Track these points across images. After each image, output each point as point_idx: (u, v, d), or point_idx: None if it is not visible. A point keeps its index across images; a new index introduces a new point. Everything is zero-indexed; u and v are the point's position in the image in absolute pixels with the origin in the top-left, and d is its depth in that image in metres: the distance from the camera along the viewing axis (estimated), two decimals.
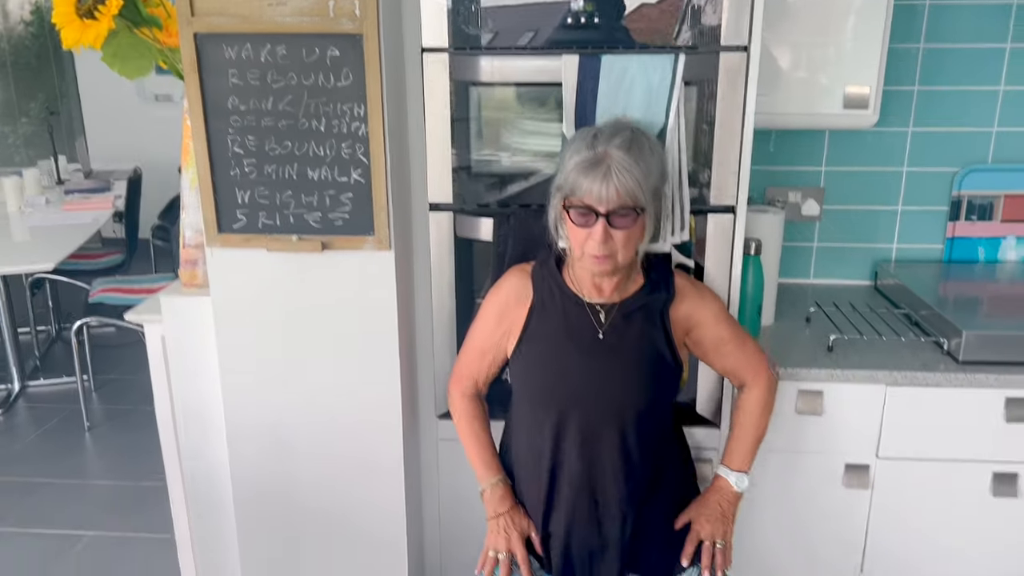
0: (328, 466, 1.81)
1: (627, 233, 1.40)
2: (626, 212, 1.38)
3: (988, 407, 1.77)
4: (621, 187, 1.36)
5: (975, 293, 2.15)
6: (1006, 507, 1.82)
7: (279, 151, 1.58)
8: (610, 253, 1.41)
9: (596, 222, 1.39)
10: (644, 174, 1.38)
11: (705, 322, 1.57)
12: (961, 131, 2.19)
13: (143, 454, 3.32)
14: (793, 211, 2.26)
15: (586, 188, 1.38)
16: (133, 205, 4.39)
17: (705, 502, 1.63)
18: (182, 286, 1.87)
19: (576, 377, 1.52)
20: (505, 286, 1.59)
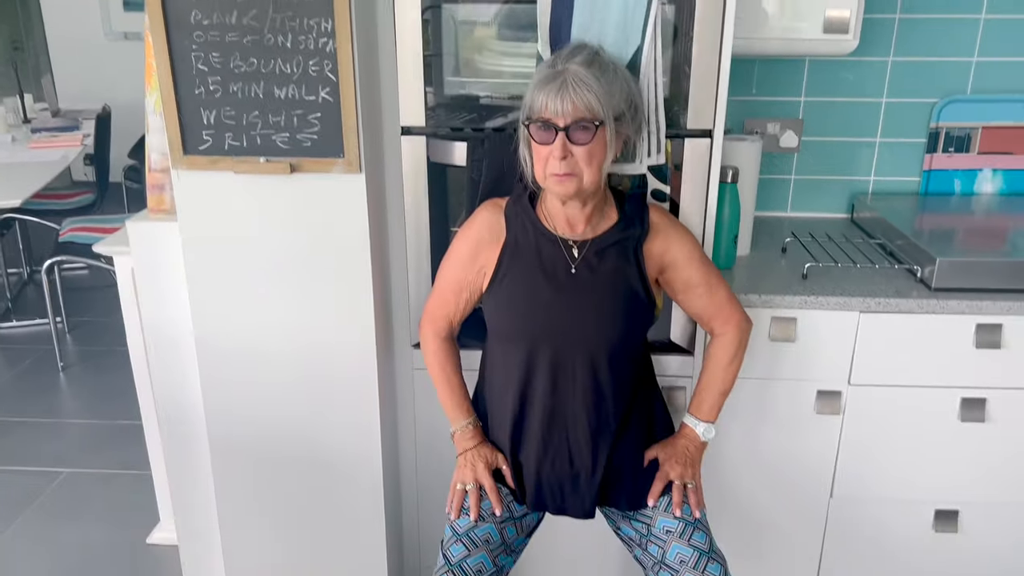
0: (302, 396, 1.80)
1: (587, 149, 1.39)
2: (585, 126, 1.37)
3: (959, 333, 1.78)
4: (578, 99, 1.36)
5: (950, 224, 2.15)
6: (973, 431, 1.85)
7: (244, 68, 1.54)
8: (572, 171, 1.40)
9: (555, 137, 1.38)
10: (604, 91, 1.37)
11: (677, 261, 1.56)
12: (941, 60, 2.17)
13: (118, 394, 3.31)
14: (771, 143, 2.25)
15: (542, 102, 1.38)
16: (102, 145, 4.30)
17: (673, 445, 1.63)
18: (149, 213, 1.83)
19: (548, 312, 1.51)
20: (478, 222, 1.57)
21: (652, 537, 1.56)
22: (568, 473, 1.59)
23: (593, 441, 1.57)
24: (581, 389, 1.55)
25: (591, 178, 1.42)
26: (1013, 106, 2.19)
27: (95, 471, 2.87)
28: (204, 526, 2.03)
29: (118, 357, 3.51)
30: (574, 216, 1.50)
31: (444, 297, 1.62)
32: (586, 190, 1.44)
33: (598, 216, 1.53)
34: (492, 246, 1.54)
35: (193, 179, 1.63)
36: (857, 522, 1.96)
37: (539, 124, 1.40)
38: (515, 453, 1.62)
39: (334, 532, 1.92)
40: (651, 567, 1.57)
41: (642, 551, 1.60)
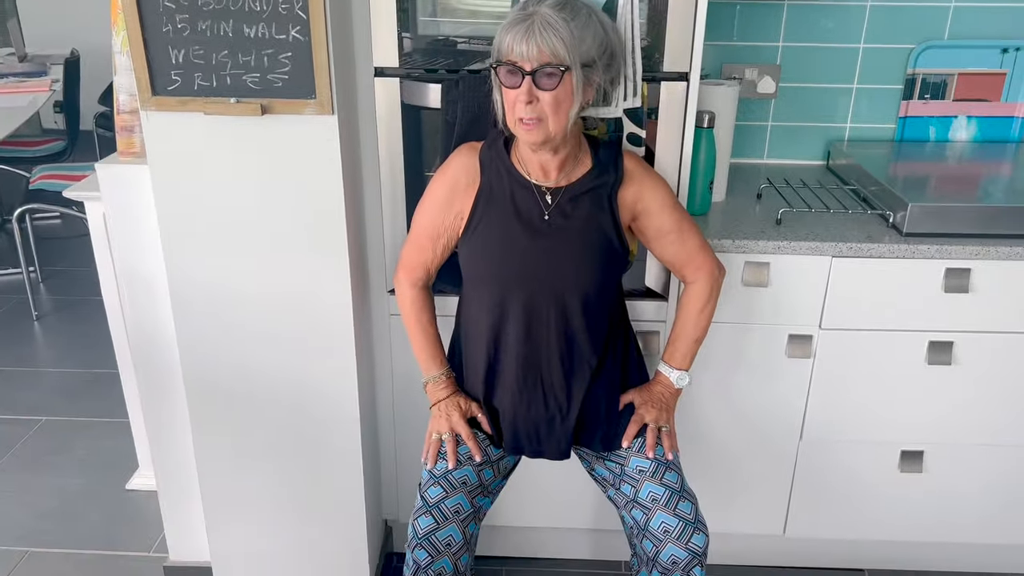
0: (277, 341, 1.80)
1: (553, 95, 1.37)
2: (551, 71, 1.35)
3: (928, 278, 1.81)
4: (544, 44, 1.33)
5: (924, 171, 2.16)
6: (939, 374, 1.89)
7: (213, 6, 1.50)
8: (538, 116, 1.39)
9: (522, 81, 1.37)
10: (572, 36, 1.34)
11: (650, 209, 1.56)
12: (919, 5, 2.16)
13: (94, 343, 3.29)
14: (749, 88, 2.24)
15: (509, 44, 1.36)
16: (72, 90, 4.20)
17: (648, 390, 1.66)
18: (119, 155, 1.81)
19: (522, 258, 1.52)
20: (453, 167, 1.55)
21: (625, 477, 1.59)
22: (543, 416, 1.61)
23: (567, 384, 1.59)
24: (555, 334, 1.56)
25: (557, 126, 1.41)
26: (989, 52, 2.19)
27: (73, 419, 2.87)
28: (182, 471, 2.04)
29: (93, 306, 3.48)
30: (547, 163, 1.50)
31: (420, 244, 1.60)
32: (553, 138, 1.43)
33: (571, 163, 1.52)
34: (468, 190, 1.53)
35: (162, 120, 1.60)
36: (825, 464, 2.01)
37: (507, 67, 1.38)
38: (489, 398, 1.64)
39: (312, 475, 1.93)
40: (624, 505, 1.60)
41: (615, 490, 1.63)
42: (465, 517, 1.54)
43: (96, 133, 4.69)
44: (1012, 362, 1.88)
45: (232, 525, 1.99)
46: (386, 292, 1.88)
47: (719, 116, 1.93)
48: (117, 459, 2.63)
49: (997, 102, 2.24)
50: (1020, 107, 2.24)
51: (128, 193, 1.81)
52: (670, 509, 1.51)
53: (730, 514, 2.05)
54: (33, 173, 3.70)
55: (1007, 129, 2.26)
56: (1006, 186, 2.06)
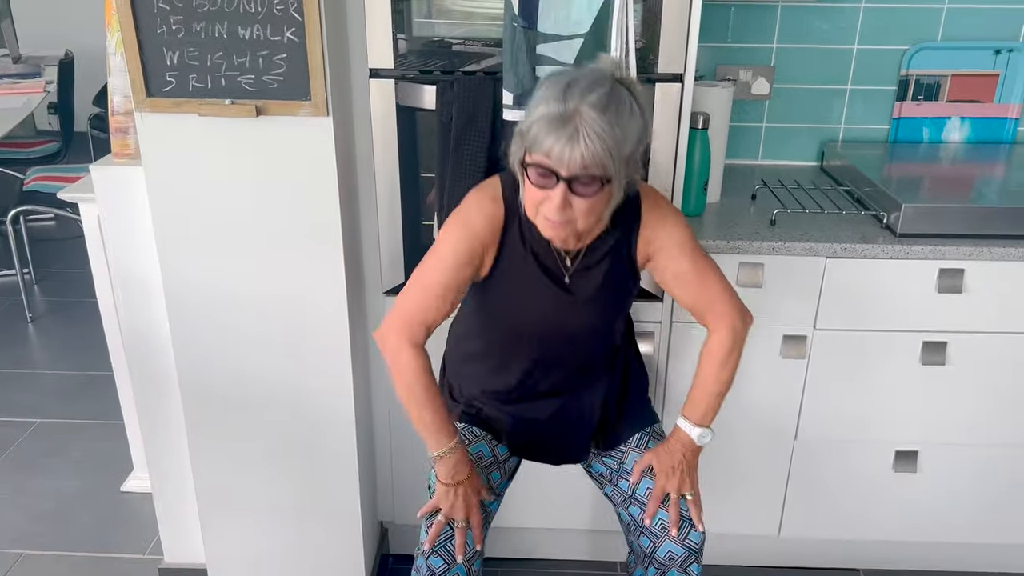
0: (272, 341, 1.80)
1: (590, 202, 1.26)
2: (591, 179, 1.23)
3: (922, 278, 1.81)
4: (588, 153, 1.20)
5: (917, 172, 2.17)
6: (933, 374, 1.90)
7: (208, 7, 1.50)
8: (568, 220, 1.28)
9: (556, 186, 1.24)
10: (618, 140, 1.21)
11: (665, 251, 1.45)
12: (912, 7, 2.16)
13: (88, 345, 3.29)
14: (743, 89, 2.24)
15: (548, 147, 1.21)
16: (66, 92, 4.19)
17: (668, 452, 1.54)
18: (114, 157, 1.80)
19: (541, 310, 1.45)
20: (476, 220, 1.40)
21: (623, 473, 1.59)
22: (551, 430, 1.59)
23: (577, 400, 1.57)
24: (566, 363, 1.53)
25: (586, 225, 1.31)
26: (982, 53, 2.20)
27: (67, 421, 2.87)
28: (177, 473, 2.04)
29: (87, 308, 3.47)
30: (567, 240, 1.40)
31: (428, 300, 1.41)
32: (578, 236, 1.35)
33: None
34: (491, 243, 1.42)
35: (157, 122, 1.60)
36: (820, 464, 2.02)
37: (541, 169, 1.24)
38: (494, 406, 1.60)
39: (307, 477, 1.93)
40: (621, 502, 1.60)
41: (612, 487, 1.63)
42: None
43: (90, 134, 4.68)
44: (1006, 362, 1.88)
45: (227, 527, 1.99)
46: (382, 293, 1.88)
47: (713, 117, 1.93)
48: (112, 461, 2.62)
49: (990, 103, 2.25)
50: (1013, 108, 2.25)
51: (123, 195, 1.81)
52: (666, 507, 1.51)
53: (725, 514, 2.06)
54: (27, 175, 3.69)
55: (1000, 130, 2.27)
56: (999, 187, 2.07)
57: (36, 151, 4.13)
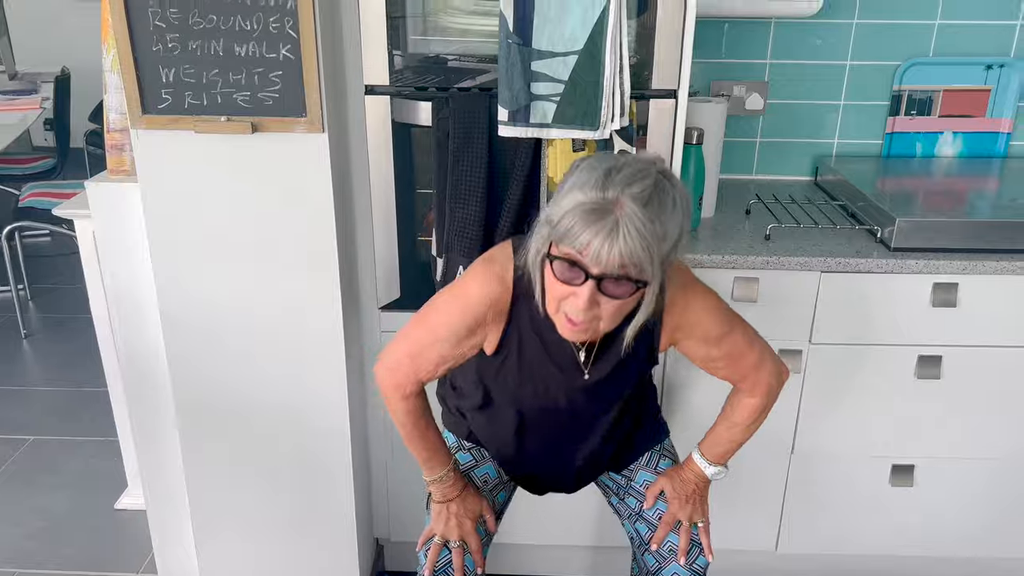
0: (268, 358, 1.80)
1: (616, 304, 1.15)
2: (625, 281, 1.12)
3: (916, 292, 1.82)
4: (627, 251, 1.08)
5: (910, 186, 2.18)
6: (929, 388, 1.90)
7: (203, 25, 1.51)
8: (591, 320, 1.17)
9: (584, 284, 1.12)
10: (659, 238, 1.10)
11: (693, 338, 1.37)
12: (904, 23, 2.18)
13: (83, 361, 3.28)
14: (737, 105, 2.25)
15: (583, 241, 1.08)
16: (62, 108, 4.20)
17: (680, 478, 1.52)
18: (109, 174, 1.81)
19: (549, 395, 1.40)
20: (476, 297, 1.31)
21: (631, 490, 1.57)
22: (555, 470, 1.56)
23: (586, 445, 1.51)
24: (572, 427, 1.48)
25: (610, 326, 1.21)
26: (973, 69, 2.22)
27: (61, 438, 2.85)
28: (172, 490, 2.03)
29: (82, 324, 3.46)
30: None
31: (422, 362, 1.36)
32: (599, 336, 1.27)
33: None
34: (494, 324, 1.33)
35: (153, 139, 1.60)
36: (817, 478, 2.01)
37: (566, 262, 1.12)
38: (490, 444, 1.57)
39: (303, 494, 1.92)
40: (628, 517, 1.58)
41: (619, 500, 1.60)
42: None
43: (87, 150, 4.68)
44: (1000, 376, 1.89)
45: (222, 544, 1.98)
46: (377, 309, 1.88)
47: (708, 133, 1.94)
48: (106, 478, 2.61)
49: (982, 118, 2.27)
50: (1005, 123, 2.26)
51: (118, 211, 1.81)
52: (678, 530, 1.50)
53: (722, 530, 2.03)
54: (23, 191, 3.69)
55: (992, 144, 2.28)
56: (992, 201, 2.08)
57: (32, 167, 4.13)
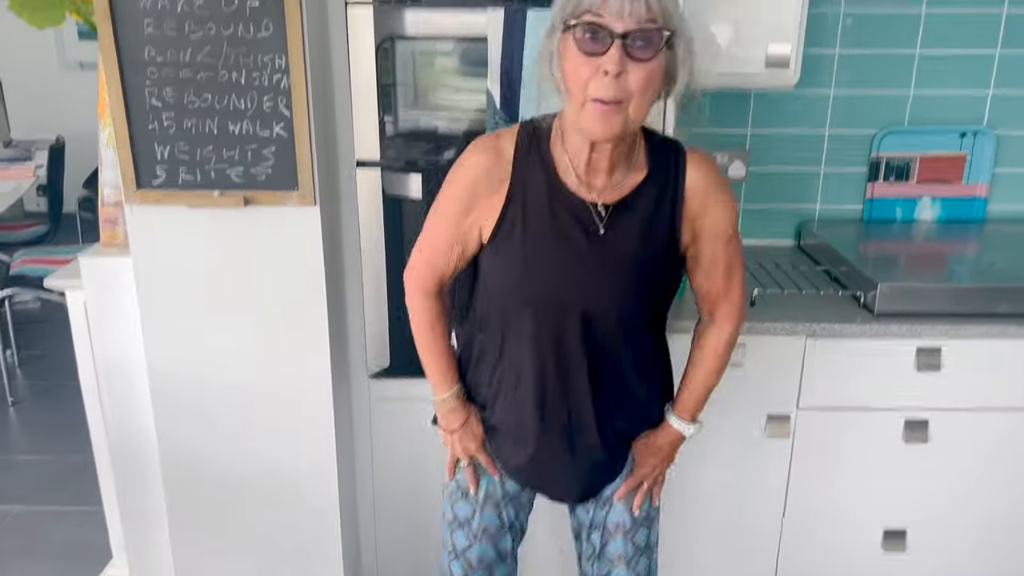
0: (256, 429, 1.80)
1: (648, 70, 1.10)
2: (651, 36, 1.07)
3: (900, 357, 1.84)
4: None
5: (891, 251, 2.22)
6: (917, 452, 1.91)
7: (199, 104, 1.55)
8: (622, 98, 1.11)
9: (611, 46, 1.07)
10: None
11: (708, 229, 1.31)
12: (880, 94, 2.25)
13: (70, 429, 3.24)
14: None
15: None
16: (56, 176, 4.24)
17: (655, 445, 1.46)
18: (102, 247, 1.83)
19: (556, 282, 1.29)
20: (470, 168, 1.29)
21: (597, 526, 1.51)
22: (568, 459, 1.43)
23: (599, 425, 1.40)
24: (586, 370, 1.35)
25: (638, 113, 1.14)
26: (948, 136, 2.28)
27: (46, 508, 2.81)
28: (157, 562, 2.00)
29: (70, 391, 3.43)
30: (600, 164, 1.24)
31: (431, 254, 1.36)
32: (630, 128, 1.17)
33: (625, 166, 1.26)
34: (491, 194, 1.28)
35: (146, 213, 1.63)
36: (809, 542, 2.00)
37: (589, 27, 1.08)
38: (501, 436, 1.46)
39: (291, 566, 1.90)
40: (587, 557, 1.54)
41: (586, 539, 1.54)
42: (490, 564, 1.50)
43: (79, 216, 4.71)
44: (987, 439, 1.90)
45: None
46: (367, 378, 1.89)
47: None
48: (90, 549, 2.55)
49: (959, 183, 2.32)
50: (981, 188, 2.32)
51: (110, 284, 1.82)
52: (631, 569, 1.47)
53: None
54: (14, 258, 3.70)
55: (970, 209, 2.33)
56: (972, 266, 2.12)
57: (24, 234, 4.15)
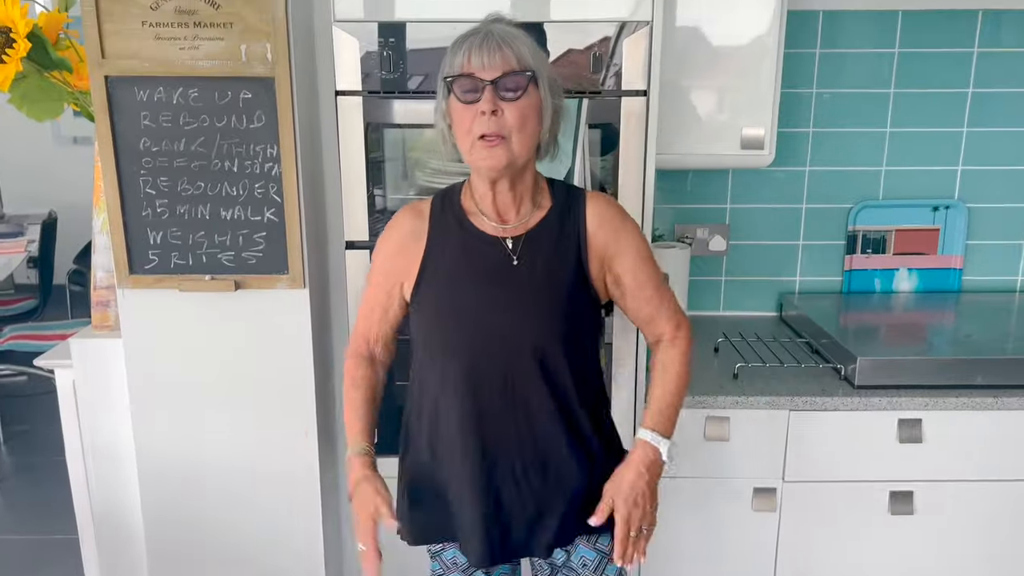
0: (243, 510, 1.79)
1: (519, 108, 1.26)
2: (516, 78, 1.25)
3: (883, 429, 1.87)
4: (508, 49, 1.25)
5: (871, 322, 2.27)
6: (903, 524, 1.92)
7: (192, 191, 1.60)
8: (502, 133, 1.26)
9: (484, 90, 1.25)
10: (532, 43, 1.28)
11: (624, 253, 1.38)
12: (854, 170, 2.33)
13: (55, 507, 3.20)
14: (701, 246, 2.36)
15: (465, 56, 1.26)
16: (48, 250, 4.27)
17: (628, 480, 1.36)
18: (93, 328, 1.85)
19: (475, 319, 1.34)
20: (393, 229, 1.42)
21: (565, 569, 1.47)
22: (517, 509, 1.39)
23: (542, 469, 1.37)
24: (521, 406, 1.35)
25: (521, 146, 1.28)
26: (921, 210, 2.35)
27: None
28: None
29: (55, 467, 3.40)
30: (504, 202, 1.36)
31: (361, 315, 1.45)
32: (516, 161, 1.29)
33: (529, 204, 1.37)
34: (413, 250, 1.38)
35: (138, 297, 1.66)
36: None
37: (464, 80, 1.26)
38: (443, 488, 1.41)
39: None
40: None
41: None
42: None
43: (69, 289, 4.73)
44: (971, 510, 1.91)
45: None
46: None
47: (673, 276, 2.04)
48: None
49: (934, 255, 2.39)
50: (956, 259, 2.38)
51: (100, 364, 1.84)
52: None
53: None
54: (2, 333, 3.70)
55: (946, 280, 2.39)
56: (950, 337, 2.17)
57: (13, 308, 4.16)
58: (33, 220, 4.53)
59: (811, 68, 2.25)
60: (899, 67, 2.25)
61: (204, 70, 1.55)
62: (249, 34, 1.54)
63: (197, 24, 1.53)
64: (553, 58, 1.67)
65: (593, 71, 1.68)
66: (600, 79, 1.68)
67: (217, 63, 1.55)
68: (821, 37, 2.23)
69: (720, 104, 1.97)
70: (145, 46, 1.54)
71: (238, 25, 1.54)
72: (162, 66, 1.55)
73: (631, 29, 1.66)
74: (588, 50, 1.68)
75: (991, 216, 2.36)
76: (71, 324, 3.75)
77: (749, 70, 1.94)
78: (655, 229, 2.30)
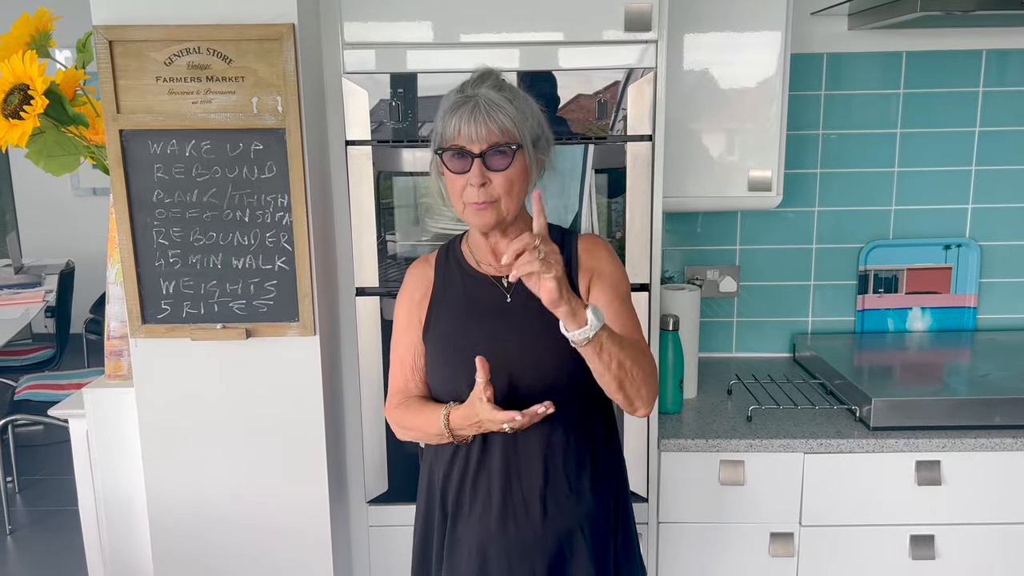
0: (255, 558, 1.78)
1: (506, 176, 1.33)
2: (503, 150, 1.32)
3: (900, 471, 1.84)
4: (493, 123, 1.30)
5: (885, 362, 2.25)
6: (925, 569, 1.87)
7: (204, 241, 1.62)
8: (491, 199, 1.34)
9: (471, 165, 1.32)
10: (518, 112, 1.33)
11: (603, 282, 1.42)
12: (863, 210, 2.33)
13: (67, 557, 3.19)
14: (712, 288, 2.36)
15: (455, 128, 1.31)
16: (65, 299, 4.32)
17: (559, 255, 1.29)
18: (107, 378, 1.86)
19: (483, 345, 1.36)
20: (407, 283, 1.51)
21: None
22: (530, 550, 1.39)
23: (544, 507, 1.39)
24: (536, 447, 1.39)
25: (510, 206, 1.36)
26: (933, 249, 2.34)
27: None
28: None
29: (68, 517, 3.40)
30: (499, 247, 1.42)
31: (393, 372, 1.50)
32: (506, 219, 1.37)
33: None
34: (424, 300, 1.48)
35: (151, 346, 1.67)
36: None
37: (452, 152, 1.33)
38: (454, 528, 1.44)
39: None
40: None
41: None
42: None
43: (85, 337, 4.77)
44: (994, 554, 1.87)
45: None
46: (365, 504, 1.88)
47: (683, 318, 2.03)
48: None
49: (947, 293, 2.37)
50: (970, 298, 2.36)
51: (113, 414, 1.85)
52: None
53: None
54: (19, 383, 3.73)
55: (960, 318, 2.37)
56: (966, 376, 2.14)
57: (30, 358, 4.20)
58: (51, 270, 4.60)
59: (817, 110, 2.27)
60: (905, 107, 2.27)
61: (216, 123, 1.58)
62: (260, 87, 1.58)
63: (210, 78, 1.57)
64: (563, 103, 1.70)
65: (600, 117, 1.71)
66: (608, 124, 1.71)
67: (229, 116, 1.58)
68: (826, 79, 2.25)
69: (728, 146, 1.98)
70: (159, 101, 1.58)
71: (249, 79, 1.57)
72: (175, 119, 1.58)
73: (637, 75, 1.69)
74: (595, 96, 1.70)
75: (1004, 254, 2.35)
76: (87, 373, 3.77)
77: (755, 113, 1.96)
78: (664, 271, 2.30)
